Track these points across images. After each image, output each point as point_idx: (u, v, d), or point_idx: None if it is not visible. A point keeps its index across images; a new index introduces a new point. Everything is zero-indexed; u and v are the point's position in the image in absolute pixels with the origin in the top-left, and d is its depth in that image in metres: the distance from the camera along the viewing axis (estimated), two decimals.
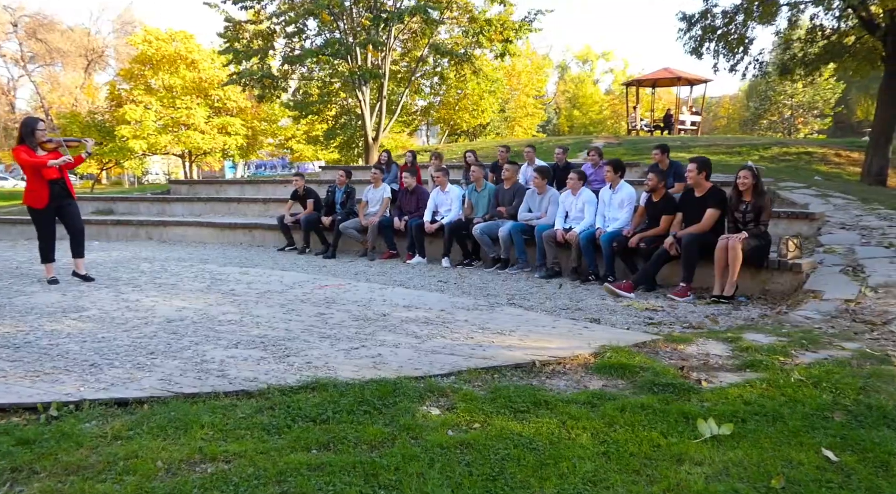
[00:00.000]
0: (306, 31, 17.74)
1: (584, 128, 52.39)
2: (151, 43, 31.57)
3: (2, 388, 3.40)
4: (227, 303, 5.59)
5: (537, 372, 3.65)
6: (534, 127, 46.56)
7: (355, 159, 40.66)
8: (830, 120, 37.63)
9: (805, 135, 35.13)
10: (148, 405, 3.22)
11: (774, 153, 15.49)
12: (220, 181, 16.16)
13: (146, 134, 29.83)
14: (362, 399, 3.18)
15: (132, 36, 35.82)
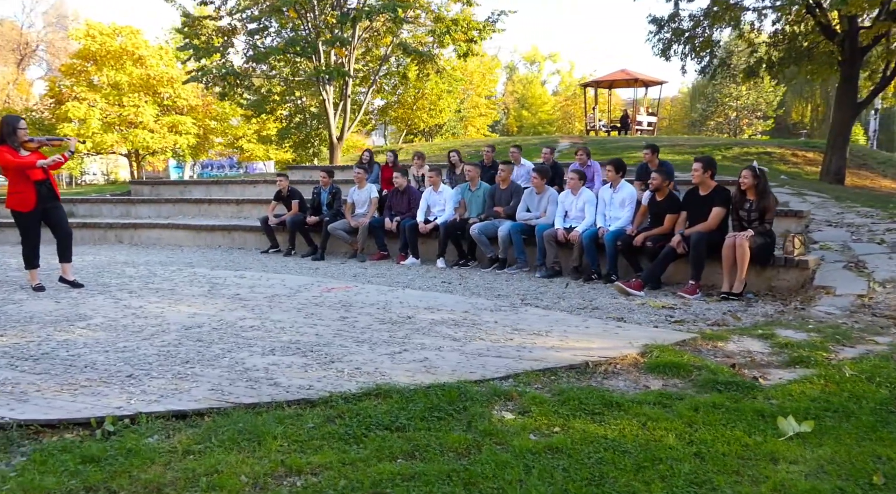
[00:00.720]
0: (269, 29, 17.34)
1: (534, 128, 52.99)
2: (95, 38, 30.37)
3: (42, 402, 3.20)
4: (238, 308, 5.40)
5: (591, 373, 3.65)
6: (485, 127, 46.84)
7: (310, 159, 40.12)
8: (772, 121, 39.13)
9: (749, 136, 36.41)
10: (209, 417, 3.07)
11: (736, 153, 15.99)
12: (185, 182, 15.67)
13: (91, 133, 28.67)
14: (432, 405, 3.11)
15: (73, 30, 34.46)
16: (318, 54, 17.54)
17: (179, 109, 33.75)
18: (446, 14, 18.41)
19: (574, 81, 61.90)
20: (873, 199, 9.95)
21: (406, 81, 22.74)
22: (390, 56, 20.51)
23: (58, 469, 2.55)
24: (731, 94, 37.33)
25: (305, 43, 16.32)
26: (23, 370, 3.74)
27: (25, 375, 3.63)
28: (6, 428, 2.94)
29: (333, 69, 16.85)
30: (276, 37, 18.24)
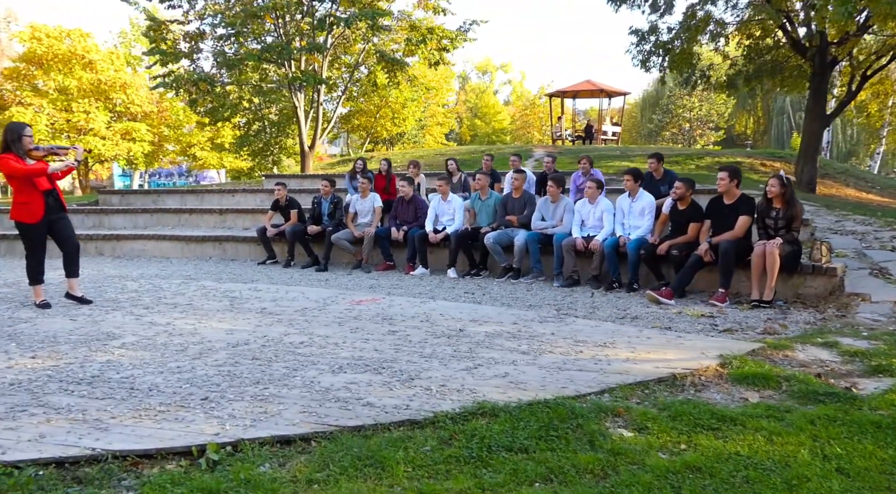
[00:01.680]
0: (243, 34, 16.92)
1: (487, 137, 53.39)
2: (41, 40, 29.15)
3: (125, 430, 2.95)
4: (275, 323, 5.17)
5: (681, 386, 3.60)
6: (442, 136, 46.93)
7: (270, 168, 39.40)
8: (723, 132, 40.42)
9: (702, 146, 37.48)
10: (316, 442, 2.89)
11: (708, 163, 16.39)
12: (158, 191, 15.08)
13: (38, 140, 27.48)
14: (545, 424, 3.00)
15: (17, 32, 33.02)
16: (290, 61, 17.22)
17: (133, 116, 32.73)
18: (421, 23, 18.37)
19: (526, 91, 62.81)
20: (856, 207, 10.31)
21: (375, 88, 22.56)
22: (362, 64, 20.32)
23: None
24: (685, 105, 38.39)
25: (281, 49, 15.96)
26: (81, 394, 3.46)
27: (87, 400, 3.36)
28: (101, 460, 2.70)
29: (309, 76, 16.55)
30: (248, 43, 17.83)
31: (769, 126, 42.46)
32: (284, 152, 34.01)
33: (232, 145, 33.16)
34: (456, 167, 10.44)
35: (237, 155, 34.30)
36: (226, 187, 15.16)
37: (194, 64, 17.36)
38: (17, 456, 2.68)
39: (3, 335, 4.84)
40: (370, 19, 15.95)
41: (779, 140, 39.73)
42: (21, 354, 4.28)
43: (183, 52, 17.46)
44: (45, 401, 3.36)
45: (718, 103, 38.82)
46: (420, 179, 10.31)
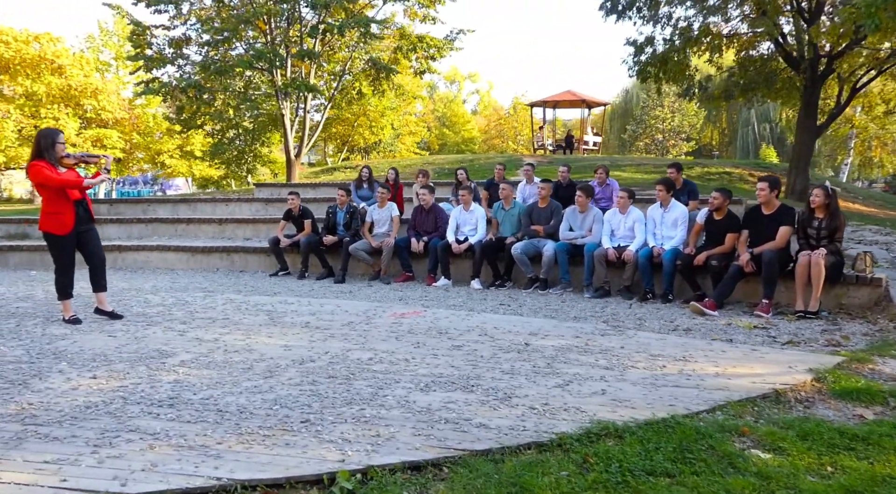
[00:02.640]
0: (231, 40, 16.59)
1: (457, 146, 53.50)
2: (9, 44, 28.27)
3: (241, 457, 2.77)
4: (328, 339, 4.99)
5: (786, 402, 3.55)
6: (415, 145, 46.89)
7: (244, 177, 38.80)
8: (695, 143, 41.19)
9: (675, 156, 38.08)
10: (448, 468, 2.74)
11: (699, 172, 16.63)
12: (149, 200, 14.60)
13: (4, 147, 26.61)
14: (677, 446, 2.91)
15: None
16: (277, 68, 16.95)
17: (104, 123, 31.92)
18: (412, 31, 18.30)
19: (493, 101, 63.18)
20: (862, 217, 10.53)
21: (360, 96, 22.36)
22: (349, 72, 20.12)
23: None
24: (657, 116, 39.02)
25: (273, 55, 15.70)
26: (169, 418, 3.26)
27: (180, 424, 3.16)
28: (231, 491, 2.52)
29: (301, 83, 16.30)
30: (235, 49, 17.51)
31: (734, 137, 43.47)
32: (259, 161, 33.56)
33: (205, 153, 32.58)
34: (466, 177, 10.33)
35: (211, 163, 33.68)
36: (218, 196, 14.78)
37: (181, 70, 16.93)
38: (142, 489, 2.49)
39: (47, 353, 4.56)
40: (364, 26, 15.80)
41: (744, 151, 40.67)
42: (79, 374, 4.03)
43: (168, 58, 17.05)
44: (134, 425, 3.15)
45: (690, 115, 39.54)
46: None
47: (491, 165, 18.02)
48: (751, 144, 41.63)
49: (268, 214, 12.69)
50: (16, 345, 4.81)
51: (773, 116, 40.19)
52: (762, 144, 39.45)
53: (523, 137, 45.34)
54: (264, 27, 15.95)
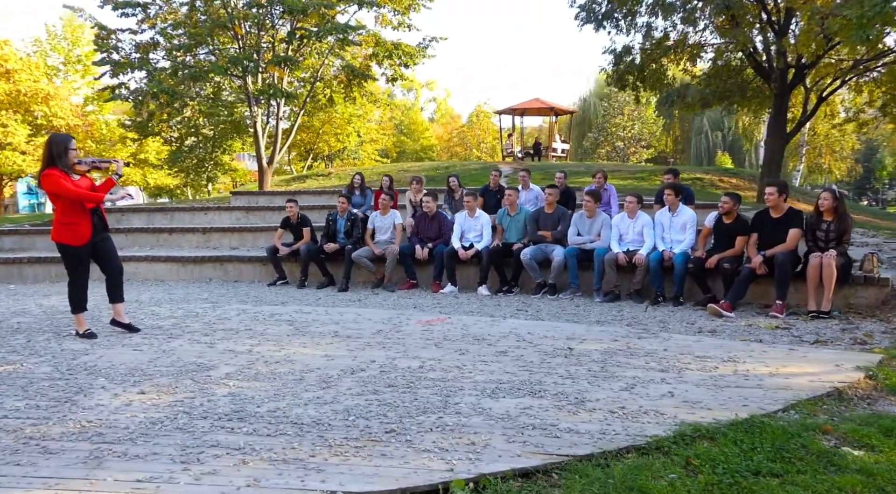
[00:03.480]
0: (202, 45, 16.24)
1: (415, 154, 53.52)
2: None
3: (343, 469, 2.69)
4: (367, 347, 4.91)
5: (849, 399, 3.63)
6: (376, 153, 46.73)
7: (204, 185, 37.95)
8: (654, 150, 42.16)
9: (635, 163, 38.90)
10: (556, 474, 2.71)
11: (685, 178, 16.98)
12: (122, 209, 14.11)
13: None
14: (772, 446, 2.94)
15: None
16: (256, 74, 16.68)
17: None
18: (386, 39, 18.22)
19: (450, 109, 63.47)
20: None
21: (332, 103, 22.14)
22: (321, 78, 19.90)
23: None
24: (618, 124, 39.79)
25: (248, 61, 15.43)
26: (245, 431, 3.15)
27: (262, 438, 3.06)
28: None
29: (277, 90, 16.06)
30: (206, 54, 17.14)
31: (688, 145, 44.66)
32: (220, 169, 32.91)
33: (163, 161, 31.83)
34: (458, 184, 10.32)
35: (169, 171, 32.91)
36: (196, 204, 14.39)
37: (150, 75, 16.45)
38: None
39: (77, 369, 4.36)
40: (342, 33, 15.69)
41: (698, 158, 41.77)
42: (123, 389, 3.86)
43: (136, 63, 16.58)
44: (213, 440, 3.03)
45: (649, 123, 40.43)
46: (422, 195, 10.11)
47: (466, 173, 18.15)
48: (704, 152, 42.73)
49: (249, 222, 12.45)
50: (38, 361, 4.59)
51: (724, 125, 41.48)
52: (717, 151, 40.56)
53: (486, 145, 45.58)
54: (241, 32, 15.65)
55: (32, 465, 2.80)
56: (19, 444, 3.03)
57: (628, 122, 40.01)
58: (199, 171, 31.48)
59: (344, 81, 19.74)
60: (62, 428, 3.23)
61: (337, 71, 19.78)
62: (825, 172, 39.03)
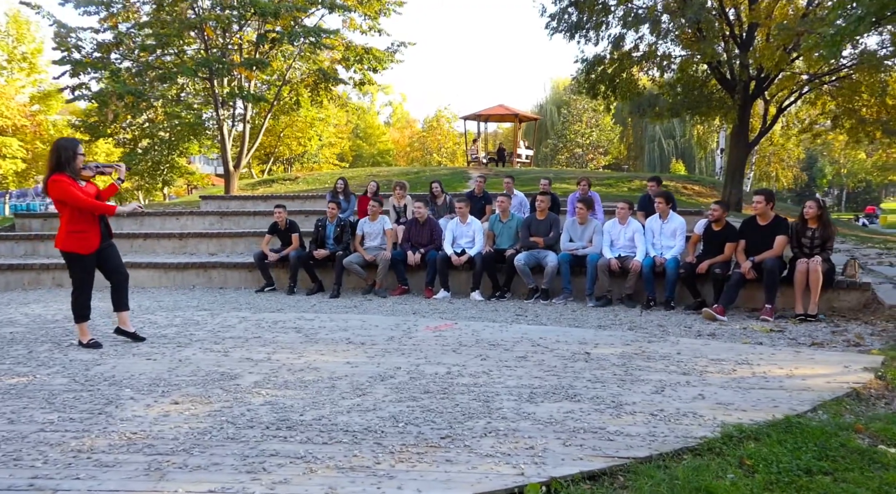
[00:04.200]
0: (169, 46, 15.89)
1: (372, 158, 53.42)
2: None
3: (414, 475, 2.72)
4: (386, 353, 4.92)
5: (867, 399, 3.83)
6: (334, 156, 46.39)
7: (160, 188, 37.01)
8: (611, 157, 43.09)
9: (593, 169, 39.69)
10: (622, 477, 2.80)
11: (638, 185, 17.42)
12: None
13: None
14: (816, 445, 3.08)
15: None
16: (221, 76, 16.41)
17: (1, 130, 29.66)
18: (356, 43, 18.18)
19: (406, 114, 63.54)
20: None
21: (298, 106, 21.91)
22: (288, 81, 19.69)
23: None
24: (577, 131, 40.54)
25: (218, 63, 15.18)
26: (301, 440, 3.15)
27: (317, 446, 3.07)
28: None
29: (247, 93, 15.83)
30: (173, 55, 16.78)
31: (641, 152, 45.82)
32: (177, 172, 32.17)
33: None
34: (440, 190, 10.38)
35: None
36: (168, 209, 14.05)
37: (114, 75, 15.99)
38: None
39: (96, 380, 4.25)
40: (315, 36, 15.59)
41: (651, 165, 42.88)
42: (154, 400, 3.79)
43: (100, 63, 16.12)
44: (270, 449, 3.02)
45: (607, 130, 41.32)
46: (406, 200, 10.16)
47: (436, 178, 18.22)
48: (657, 159, 43.85)
49: (223, 228, 12.27)
50: (50, 372, 4.46)
51: (677, 133, 42.70)
52: (672, 159, 41.67)
53: (446, 150, 45.77)
54: (212, 34, 15.38)
55: (93, 479, 2.74)
56: (69, 458, 2.95)
57: (587, 129, 40.80)
58: (154, 174, 30.68)
59: (310, 84, 19.61)
60: (107, 441, 3.16)
61: (304, 74, 19.62)
62: (773, 180, 40.58)
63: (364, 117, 60.47)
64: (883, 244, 9.80)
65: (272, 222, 8.84)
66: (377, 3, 17.98)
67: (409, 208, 10.24)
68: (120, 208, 5.31)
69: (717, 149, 28.68)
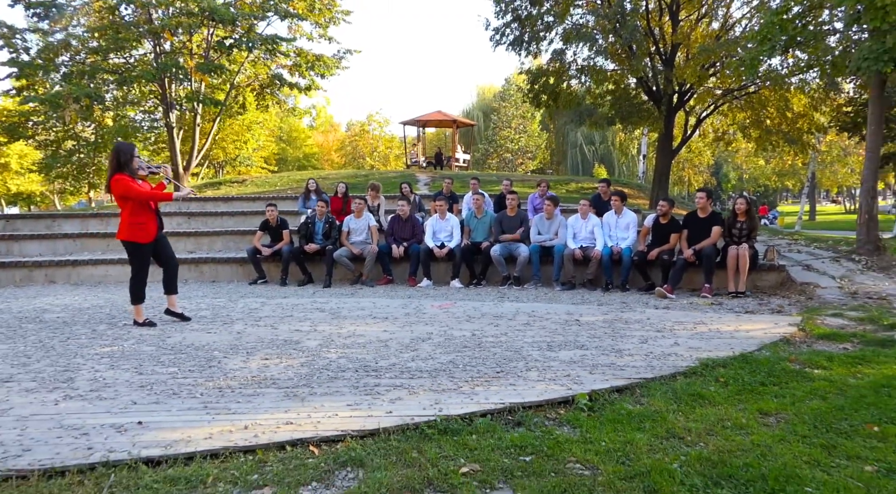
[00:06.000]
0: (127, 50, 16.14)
1: (298, 162, 53.48)
2: None
3: (493, 391, 3.70)
4: (412, 325, 5.86)
5: (794, 342, 5.10)
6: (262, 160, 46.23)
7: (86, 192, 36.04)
8: (538, 161, 45.08)
9: (523, 172, 41.48)
10: (638, 390, 3.89)
11: (574, 188, 18.92)
12: (53, 215, 13.64)
13: None
14: (764, 370, 4.27)
15: None
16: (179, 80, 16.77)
17: None
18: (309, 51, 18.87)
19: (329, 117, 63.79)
20: None
21: (244, 110, 22.32)
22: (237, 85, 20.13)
23: (611, 427, 3.25)
24: (506, 136, 42.28)
25: (176, 68, 15.56)
26: (391, 376, 4.07)
27: (409, 380, 4.01)
28: (514, 411, 3.47)
29: (206, 97, 16.27)
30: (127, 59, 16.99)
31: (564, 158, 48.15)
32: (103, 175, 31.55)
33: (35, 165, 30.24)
34: (410, 190, 11.34)
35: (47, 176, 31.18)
36: None
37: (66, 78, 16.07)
38: (455, 411, 3.37)
39: (180, 346, 5.01)
40: (271, 44, 16.21)
41: (574, 168, 45.13)
42: (245, 359, 4.61)
43: (53, 66, 16.16)
44: (371, 384, 3.93)
45: (535, 136, 43.23)
46: (380, 200, 11.06)
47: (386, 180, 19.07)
48: (580, 164, 46.15)
49: (191, 227, 12.74)
50: (132, 345, 5.16)
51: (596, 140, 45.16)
52: (595, 163, 44.01)
53: (379, 154, 46.50)
54: (171, 38, 15.74)
55: (248, 402, 3.58)
56: (217, 393, 3.77)
57: (516, 135, 42.59)
58: (79, 177, 30.04)
59: (257, 88, 20.11)
60: (236, 382, 3.98)
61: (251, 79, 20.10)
62: (685, 184, 43.65)
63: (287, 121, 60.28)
64: (790, 237, 11.49)
65: (263, 220, 9.57)
66: (328, 12, 18.75)
67: (383, 207, 11.16)
68: (176, 194, 6.00)
69: (639, 154, 30.83)
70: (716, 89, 16.37)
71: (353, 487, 2.65)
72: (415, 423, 3.24)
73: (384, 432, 3.16)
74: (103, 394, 3.78)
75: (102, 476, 2.74)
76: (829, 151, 31.70)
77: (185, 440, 3.05)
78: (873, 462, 2.90)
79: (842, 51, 9.12)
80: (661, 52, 15.70)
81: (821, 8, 8.90)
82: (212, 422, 3.28)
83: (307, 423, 3.25)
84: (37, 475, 2.74)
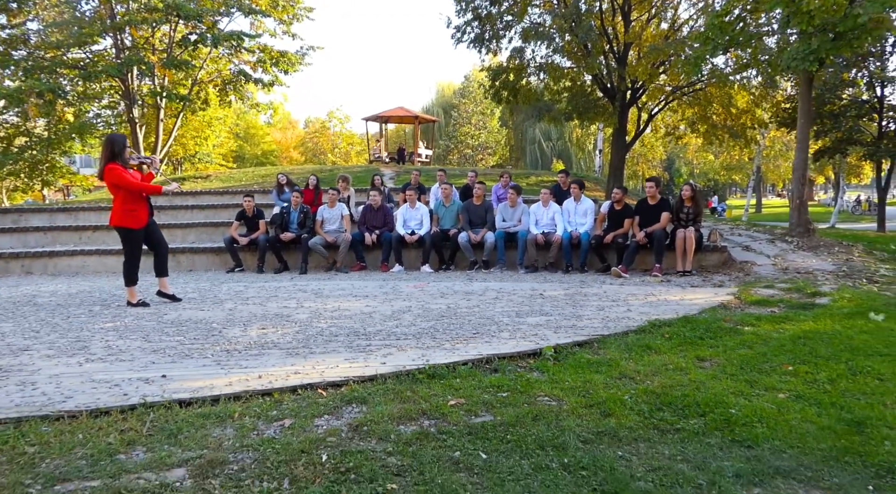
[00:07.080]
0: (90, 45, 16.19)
1: (256, 158, 53.24)
2: None
3: (473, 346, 4.26)
4: (392, 300, 6.38)
5: (730, 308, 5.79)
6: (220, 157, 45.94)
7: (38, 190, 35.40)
8: (498, 157, 45.89)
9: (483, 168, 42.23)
10: (598, 344, 4.50)
11: (534, 181, 19.61)
12: (20, 210, 13.65)
13: None
14: (703, 328, 4.93)
15: None
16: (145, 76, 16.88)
17: None
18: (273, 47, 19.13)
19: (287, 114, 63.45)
20: None
21: (206, 105, 22.41)
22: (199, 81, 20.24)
23: (573, 371, 3.85)
24: (467, 133, 42.95)
25: (142, 64, 15.70)
26: (381, 338, 4.60)
27: (397, 340, 4.54)
28: (491, 361, 4.04)
29: (173, 93, 16.43)
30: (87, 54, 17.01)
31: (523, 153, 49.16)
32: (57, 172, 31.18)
33: None
34: (381, 182, 11.83)
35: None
36: (102, 203, 14.37)
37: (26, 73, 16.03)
38: (440, 360, 3.92)
39: (179, 320, 5.44)
40: (237, 40, 16.46)
41: (533, 164, 46.11)
42: (243, 329, 5.08)
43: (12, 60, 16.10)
44: (364, 344, 4.45)
45: (494, 132, 43.99)
46: (350, 192, 11.51)
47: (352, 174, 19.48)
48: (538, 159, 47.15)
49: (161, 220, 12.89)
50: (132, 321, 5.56)
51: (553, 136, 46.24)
52: (553, 158, 45.04)
53: (340, 150, 46.66)
54: (136, 34, 15.85)
55: (255, 360, 4.07)
56: (224, 354, 4.24)
57: (476, 131, 43.31)
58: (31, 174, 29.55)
59: (219, 84, 20.27)
60: (240, 346, 4.45)
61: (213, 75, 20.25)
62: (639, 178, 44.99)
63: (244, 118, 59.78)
64: (732, 222, 12.36)
65: (240, 210, 9.94)
66: (290, 8, 19.04)
67: (353, 198, 11.61)
68: (164, 188, 6.38)
69: (595, 150, 31.81)
70: (666, 86, 17.25)
71: (360, 417, 3.17)
72: (407, 370, 3.77)
73: (381, 377, 3.69)
74: (121, 357, 4.22)
75: (143, 414, 3.20)
76: (772, 146, 33.26)
77: (208, 386, 3.53)
78: (785, 391, 3.55)
79: (777, 51, 9.96)
80: (614, 50, 16.47)
81: (758, 11, 9.71)
82: (228, 374, 3.76)
83: (313, 373, 3.76)
84: (85, 414, 3.19)
